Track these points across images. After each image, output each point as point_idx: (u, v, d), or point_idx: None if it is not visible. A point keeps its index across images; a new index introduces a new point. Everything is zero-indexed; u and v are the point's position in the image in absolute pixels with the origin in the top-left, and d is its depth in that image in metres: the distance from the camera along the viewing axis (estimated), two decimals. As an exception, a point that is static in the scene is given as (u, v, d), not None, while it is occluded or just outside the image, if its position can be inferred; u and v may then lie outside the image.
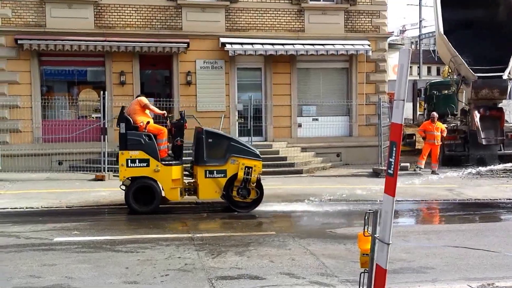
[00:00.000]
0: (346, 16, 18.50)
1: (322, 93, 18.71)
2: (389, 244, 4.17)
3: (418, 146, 21.51)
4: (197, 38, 17.26)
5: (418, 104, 30.14)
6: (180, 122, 11.18)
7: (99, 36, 16.45)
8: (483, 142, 17.35)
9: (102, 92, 15.76)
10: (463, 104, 19.97)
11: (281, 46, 17.42)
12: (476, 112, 17.51)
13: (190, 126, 11.53)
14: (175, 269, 6.83)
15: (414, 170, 16.45)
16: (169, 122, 11.49)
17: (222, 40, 17.21)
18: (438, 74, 58.59)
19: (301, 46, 17.55)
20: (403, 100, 4.13)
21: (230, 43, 17.09)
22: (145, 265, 6.99)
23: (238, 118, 17.79)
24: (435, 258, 7.46)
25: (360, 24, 18.63)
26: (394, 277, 6.41)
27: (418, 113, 30.21)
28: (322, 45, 17.73)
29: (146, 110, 11.08)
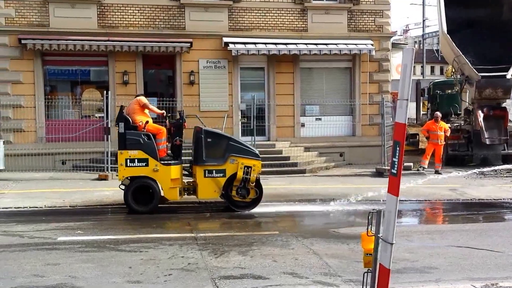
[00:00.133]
0: (349, 15, 18.47)
1: (325, 92, 18.69)
2: (392, 244, 4.17)
3: (422, 145, 21.47)
4: (200, 38, 17.26)
5: (421, 103, 30.15)
6: (179, 122, 11.17)
7: (102, 35, 16.46)
8: (487, 141, 17.33)
9: (105, 91, 15.80)
10: (467, 103, 19.94)
11: (284, 46, 17.41)
12: (479, 111, 17.48)
13: (191, 126, 11.52)
14: (178, 268, 6.83)
15: (418, 170, 16.43)
16: (168, 122, 11.46)
17: (225, 39, 17.22)
18: (442, 73, 58.51)
19: (304, 46, 17.54)
20: (407, 99, 4.13)
21: (233, 43, 17.09)
22: (148, 264, 7.00)
23: (241, 117, 17.80)
24: (439, 258, 7.44)
25: (363, 23, 18.60)
26: (398, 277, 6.41)
27: (422, 112, 30.23)
28: (325, 44, 17.71)
29: (145, 110, 11.07)
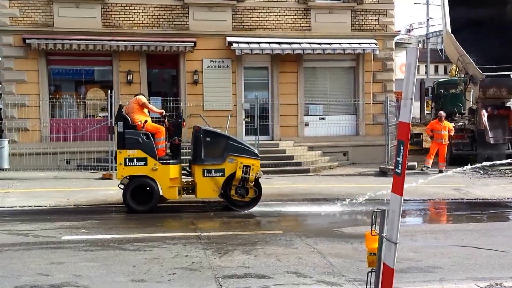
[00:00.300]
0: (353, 15, 18.46)
1: (329, 92, 18.69)
2: (396, 243, 4.16)
3: (426, 145, 21.45)
4: (204, 37, 17.28)
5: (425, 103, 30.11)
6: (177, 121, 11.18)
7: (107, 35, 16.50)
8: (491, 141, 17.29)
9: (109, 91, 15.83)
10: (471, 103, 19.90)
11: (287, 45, 17.41)
12: (483, 111, 17.44)
13: (192, 125, 11.51)
14: (182, 267, 6.84)
15: (422, 170, 16.40)
16: (167, 121, 11.45)
17: (229, 39, 17.23)
18: (446, 73, 58.37)
19: (308, 45, 17.54)
20: (411, 99, 4.12)
21: (237, 42, 17.11)
22: (152, 263, 7.01)
23: (244, 117, 17.80)
24: (443, 258, 7.43)
25: (367, 23, 18.58)
26: (402, 276, 6.40)
27: (426, 112, 30.19)
28: (329, 44, 17.71)
29: (144, 109, 11.08)
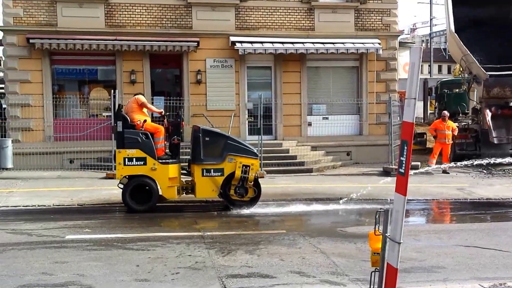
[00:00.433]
0: (356, 14, 18.43)
1: (332, 91, 18.65)
2: (400, 243, 4.15)
3: (429, 145, 21.40)
4: (207, 37, 17.28)
5: (429, 102, 30.03)
6: (177, 121, 11.18)
7: (110, 35, 16.51)
8: (495, 141, 17.23)
9: (112, 90, 15.85)
10: (475, 102, 19.84)
11: (291, 45, 17.39)
12: (487, 110, 17.38)
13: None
14: (186, 267, 6.85)
15: (425, 169, 16.37)
16: (166, 121, 11.45)
17: (232, 38, 17.23)
18: (449, 72, 58.25)
19: (311, 45, 17.52)
20: (415, 98, 4.11)
21: (240, 42, 17.10)
22: (156, 263, 7.02)
23: (248, 116, 17.80)
24: (446, 258, 7.42)
25: (370, 22, 18.55)
26: (405, 276, 6.40)
27: (429, 111, 30.10)
28: (332, 43, 17.67)
29: (144, 109, 11.10)
